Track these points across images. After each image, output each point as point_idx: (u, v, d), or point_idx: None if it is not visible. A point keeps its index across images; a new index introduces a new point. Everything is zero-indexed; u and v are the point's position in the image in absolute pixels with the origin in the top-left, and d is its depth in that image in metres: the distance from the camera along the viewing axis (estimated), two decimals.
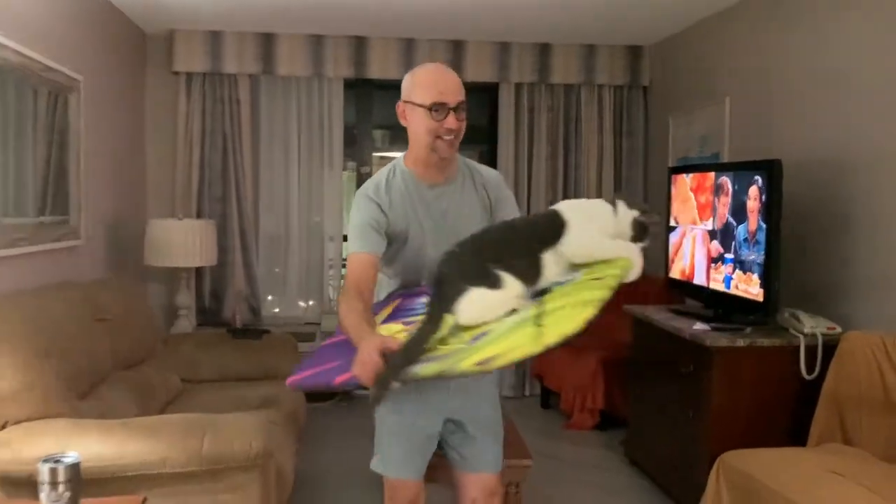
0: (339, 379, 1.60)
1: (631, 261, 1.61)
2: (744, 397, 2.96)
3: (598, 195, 5.05)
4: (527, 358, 1.43)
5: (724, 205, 3.31)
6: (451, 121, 1.87)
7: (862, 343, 2.72)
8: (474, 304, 1.57)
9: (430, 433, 2.06)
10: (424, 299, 1.76)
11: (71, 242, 3.47)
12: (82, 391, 2.65)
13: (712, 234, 3.41)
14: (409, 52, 4.88)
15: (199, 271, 4.69)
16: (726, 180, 3.30)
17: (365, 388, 1.53)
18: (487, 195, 2.03)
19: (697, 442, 3.04)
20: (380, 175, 2.01)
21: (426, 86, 1.89)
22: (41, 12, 3.18)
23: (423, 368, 1.46)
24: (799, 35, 3.43)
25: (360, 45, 4.84)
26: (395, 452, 2.06)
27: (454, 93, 1.88)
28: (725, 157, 3.99)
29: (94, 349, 2.84)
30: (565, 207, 1.70)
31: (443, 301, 1.59)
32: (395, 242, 1.97)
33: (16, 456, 2.11)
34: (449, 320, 1.57)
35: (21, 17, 2.96)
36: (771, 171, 2.96)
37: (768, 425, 2.95)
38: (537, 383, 4.96)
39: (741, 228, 3.17)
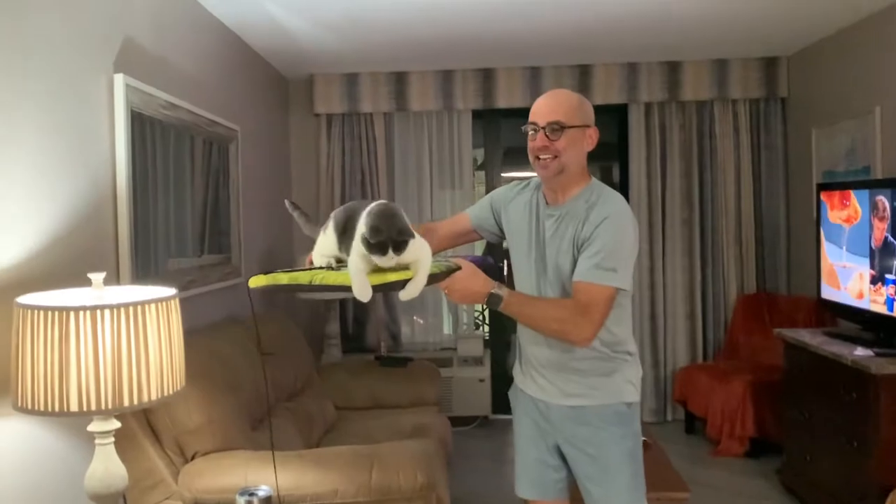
0: None
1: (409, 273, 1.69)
2: (883, 428, 2.80)
3: (737, 212, 4.93)
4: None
5: (883, 221, 3.15)
6: (539, 139, 1.93)
7: None
8: (316, 244, 1.91)
9: (538, 457, 2.12)
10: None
11: (233, 281, 3.75)
12: (254, 423, 2.86)
13: (871, 254, 3.24)
14: (536, 80, 4.95)
15: (342, 301, 4.92)
16: (883, 200, 3.14)
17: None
18: (581, 230, 1.91)
19: (864, 474, 2.89)
20: (519, 184, 2.16)
21: (533, 108, 1.99)
22: (204, 72, 3.48)
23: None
24: None
25: (486, 76, 4.96)
26: (517, 472, 2.21)
27: (545, 113, 1.93)
28: (878, 171, 3.79)
29: (261, 383, 3.06)
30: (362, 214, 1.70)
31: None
32: (507, 241, 2.14)
33: (210, 485, 2.31)
34: None
35: (189, 78, 3.26)
36: None
37: None
38: (679, 408, 4.85)
39: None
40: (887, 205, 3.12)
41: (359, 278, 1.64)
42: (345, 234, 1.72)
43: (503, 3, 3.52)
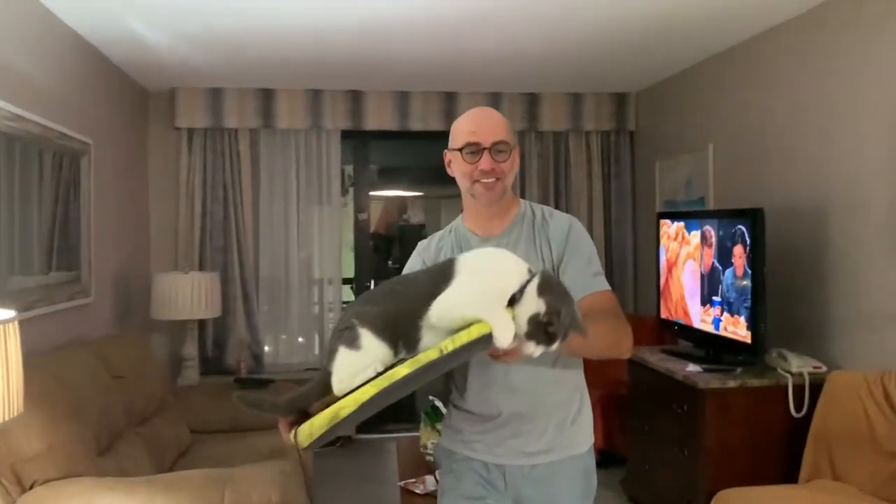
0: None
1: (488, 325, 1.29)
2: (736, 436, 3.09)
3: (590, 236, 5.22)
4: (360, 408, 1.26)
5: (710, 248, 3.47)
6: (485, 161, 1.72)
7: (846, 382, 2.87)
8: (339, 367, 1.34)
9: None
10: None
11: (82, 301, 3.58)
12: (102, 449, 2.74)
13: (701, 278, 3.56)
14: (404, 103, 5.07)
15: (201, 321, 4.79)
16: (710, 230, 3.47)
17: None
18: (550, 248, 1.77)
19: (694, 480, 3.15)
20: (438, 232, 1.92)
21: (460, 129, 1.78)
22: (56, 83, 3.33)
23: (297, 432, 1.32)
24: (780, 85, 3.62)
25: (356, 98, 5.02)
26: None
27: (489, 132, 1.73)
28: (710, 202, 4.17)
29: (110, 406, 2.94)
30: (467, 256, 1.45)
31: (327, 360, 1.38)
32: None
33: None
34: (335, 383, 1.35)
35: (40, 90, 3.11)
36: (755, 219, 3.13)
37: (761, 463, 3.08)
38: None
39: (728, 273, 3.33)
40: (713, 234, 3.45)
41: (505, 319, 1.31)
42: (395, 331, 1.35)
43: (369, 27, 3.60)
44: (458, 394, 1.85)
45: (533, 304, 1.32)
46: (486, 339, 1.28)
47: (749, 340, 3.17)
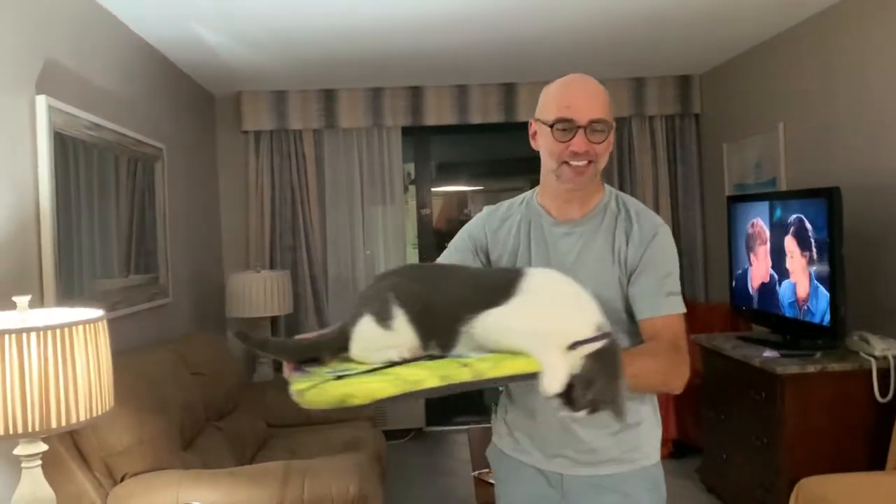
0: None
1: (537, 365, 1.17)
2: (818, 423, 2.99)
3: None
4: (388, 398, 1.15)
5: (784, 232, 3.37)
6: (578, 142, 1.50)
7: None
8: (361, 335, 1.28)
9: None
10: None
11: (161, 301, 3.72)
12: (184, 443, 2.85)
13: (777, 262, 3.46)
14: (463, 97, 5.08)
15: (274, 318, 4.91)
16: (787, 215, 3.36)
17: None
18: (628, 250, 1.56)
19: (774, 468, 3.07)
20: (497, 204, 1.72)
21: (554, 100, 1.54)
22: (128, 91, 3.46)
23: (296, 379, 1.26)
24: (848, 58, 3.49)
25: (415, 94, 5.06)
26: None
27: (587, 108, 1.50)
28: (783, 183, 4.04)
29: (191, 402, 3.05)
30: (538, 277, 1.28)
31: (350, 318, 1.32)
32: None
33: None
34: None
35: (113, 98, 3.23)
36: (831, 198, 3.03)
37: (845, 450, 2.98)
38: None
39: (805, 255, 3.22)
40: (792, 218, 3.34)
41: (559, 362, 1.18)
42: (432, 324, 1.25)
43: (425, 21, 3.62)
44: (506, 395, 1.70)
45: (575, 363, 1.17)
46: (530, 377, 1.17)
47: (828, 324, 3.06)
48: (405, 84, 5.01)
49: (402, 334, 1.25)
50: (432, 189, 5.55)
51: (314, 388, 1.19)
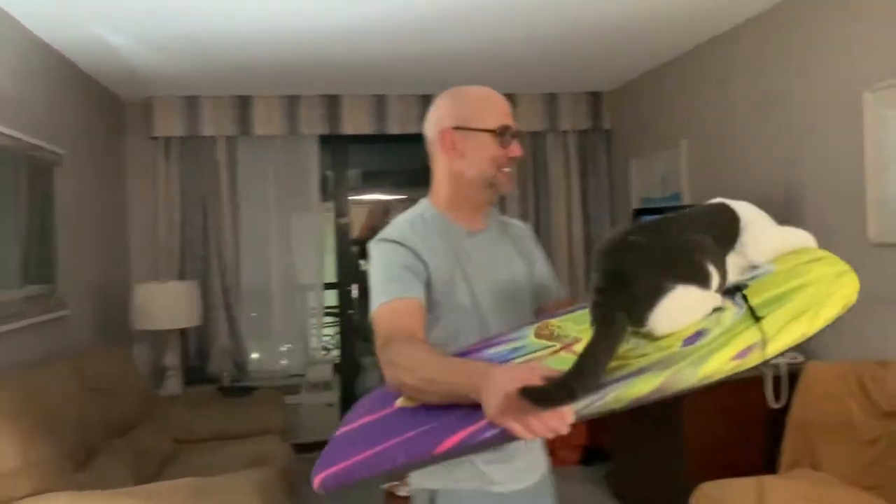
0: (448, 442, 1.13)
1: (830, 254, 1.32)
2: (717, 428, 3.11)
3: (569, 235, 5.26)
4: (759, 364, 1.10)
5: None
6: (517, 148, 1.56)
7: (822, 372, 2.90)
8: (676, 306, 1.17)
9: None
10: (495, 350, 1.34)
11: (59, 313, 3.55)
12: (79, 463, 2.73)
13: None
14: (381, 108, 5.07)
15: (183, 330, 4.77)
16: None
17: (508, 440, 1.11)
18: (521, 245, 1.70)
19: (676, 473, 3.17)
20: (402, 221, 1.60)
21: (493, 107, 1.56)
22: (25, 93, 3.31)
23: (625, 388, 1.10)
24: (747, 81, 3.66)
25: (333, 102, 5.02)
26: None
27: (511, 116, 1.58)
28: (685, 197, 4.20)
29: (88, 419, 2.92)
30: (730, 201, 1.36)
31: (628, 303, 1.17)
32: (438, 299, 1.51)
33: None
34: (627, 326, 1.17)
35: (8, 100, 3.08)
36: None
37: (741, 454, 3.10)
38: None
39: None
40: None
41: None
42: (720, 261, 1.23)
43: (344, 30, 3.61)
44: None
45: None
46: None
47: None
48: (322, 92, 4.97)
49: (716, 281, 1.19)
50: (355, 198, 5.52)
51: (667, 372, 1.10)
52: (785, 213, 3.33)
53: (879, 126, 2.80)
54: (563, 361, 1.15)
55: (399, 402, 1.30)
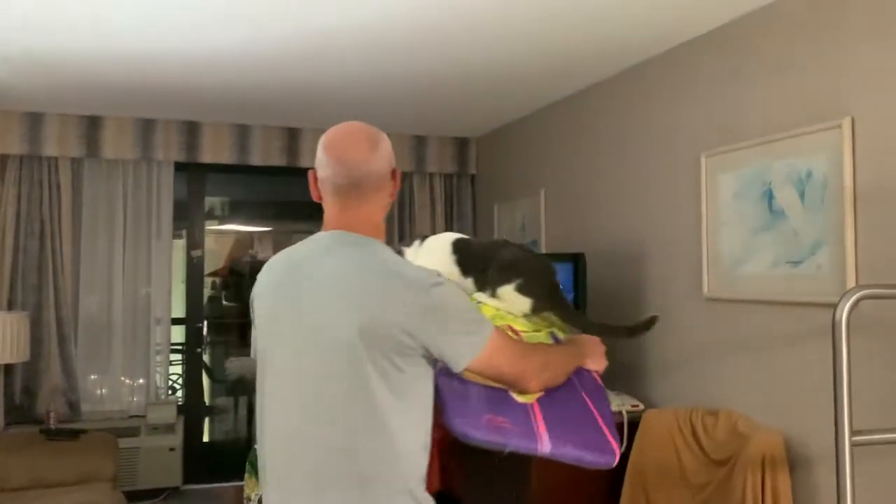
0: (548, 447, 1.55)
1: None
2: (561, 474, 3.14)
3: None
4: None
5: None
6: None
7: (658, 419, 3.02)
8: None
9: None
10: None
11: None
12: None
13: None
14: (244, 137, 4.93)
15: (8, 366, 4.35)
16: None
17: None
18: None
19: None
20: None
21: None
22: None
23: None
24: (604, 137, 3.84)
25: (191, 129, 4.82)
26: None
27: None
28: (543, 245, 4.33)
29: None
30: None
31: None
32: None
33: None
34: None
35: None
36: (577, 262, 3.27)
37: (584, 500, 3.16)
38: None
39: None
40: None
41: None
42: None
43: (201, 56, 3.47)
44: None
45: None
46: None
47: None
48: (180, 117, 4.77)
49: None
50: (217, 227, 5.28)
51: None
52: (631, 266, 3.49)
53: (713, 188, 2.99)
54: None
55: (520, 398, 1.57)
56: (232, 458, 4.79)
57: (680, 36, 3.16)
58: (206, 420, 5.51)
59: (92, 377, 4.75)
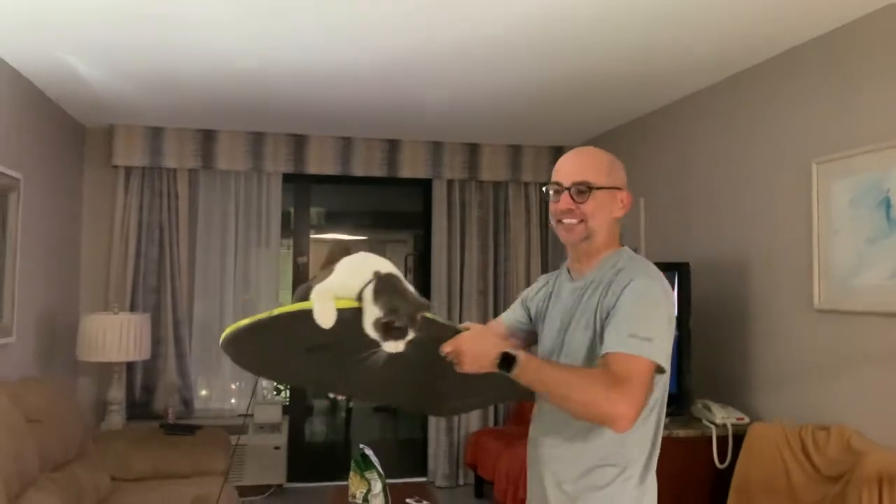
0: None
1: (310, 303, 1.48)
2: (663, 486, 3.11)
3: (527, 284, 5.29)
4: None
5: None
6: (564, 201, 1.69)
7: (766, 433, 2.95)
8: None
9: None
10: None
11: (3, 340, 3.45)
12: (12, 496, 2.62)
13: None
14: (347, 150, 5.10)
15: (130, 364, 4.65)
16: None
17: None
18: (607, 296, 1.63)
19: None
20: (555, 271, 1.94)
21: (556, 168, 1.76)
22: None
23: None
24: (706, 145, 3.78)
25: (298, 142, 5.04)
26: None
27: (570, 173, 1.70)
28: (643, 255, 4.27)
29: (23, 451, 2.82)
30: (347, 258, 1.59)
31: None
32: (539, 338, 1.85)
33: None
34: None
35: None
36: (681, 272, 3.23)
37: None
38: (471, 472, 5.02)
39: None
40: None
41: (325, 302, 1.47)
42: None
43: (311, 72, 3.64)
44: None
45: (372, 310, 1.44)
46: (306, 314, 1.44)
47: (675, 391, 3.23)
48: (288, 131, 4.99)
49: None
50: (315, 236, 5.50)
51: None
52: (735, 277, 3.42)
53: (826, 196, 2.91)
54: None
55: None
56: (332, 458, 4.95)
57: (788, 42, 3.09)
58: (308, 421, 5.71)
59: (204, 377, 5.01)
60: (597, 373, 1.52)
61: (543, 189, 1.80)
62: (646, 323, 1.55)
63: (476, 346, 1.51)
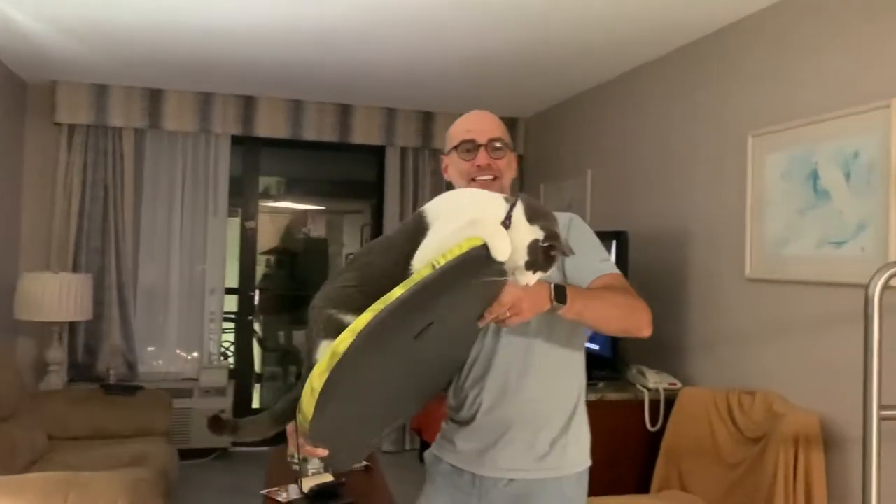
0: None
1: (479, 238, 1.22)
2: (597, 448, 3.19)
3: None
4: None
5: None
6: (481, 157, 1.67)
7: (695, 398, 3.05)
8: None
9: None
10: None
11: None
12: None
13: None
14: (297, 112, 5.05)
15: (72, 325, 4.58)
16: None
17: None
18: None
19: None
20: None
21: (456, 130, 1.74)
22: None
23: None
24: (650, 118, 3.84)
25: (248, 103, 4.97)
26: None
27: (484, 130, 1.69)
28: (589, 224, 4.34)
29: None
30: (434, 203, 1.34)
31: (308, 356, 1.30)
32: None
33: None
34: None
35: None
36: (619, 240, 3.30)
37: (618, 474, 3.21)
38: (416, 437, 5.08)
39: None
40: None
41: (495, 229, 1.23)
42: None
43: (261, 32, 3.59)
44: (449, 390, 1.78)
45: (526, 230, 1.26)
46: (482, 255, 1.20)
47: (610, 355, 3.31)
48: (237, 92, 4.92)
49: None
50: (271, 204, 5.44)
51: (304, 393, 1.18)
52: (675, 246, 3.50)
53: (760, 169, 2.98)
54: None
55: None
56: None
57: (728, 17, 3.15)
58: (257, 387, 5.70)
59: (148, 340, 4.96)
60: (615, 289, 1.57)
61: (445, 152, 1.75)
62: (601, 248, 1.67)
63: (526, 290, 1.33)
